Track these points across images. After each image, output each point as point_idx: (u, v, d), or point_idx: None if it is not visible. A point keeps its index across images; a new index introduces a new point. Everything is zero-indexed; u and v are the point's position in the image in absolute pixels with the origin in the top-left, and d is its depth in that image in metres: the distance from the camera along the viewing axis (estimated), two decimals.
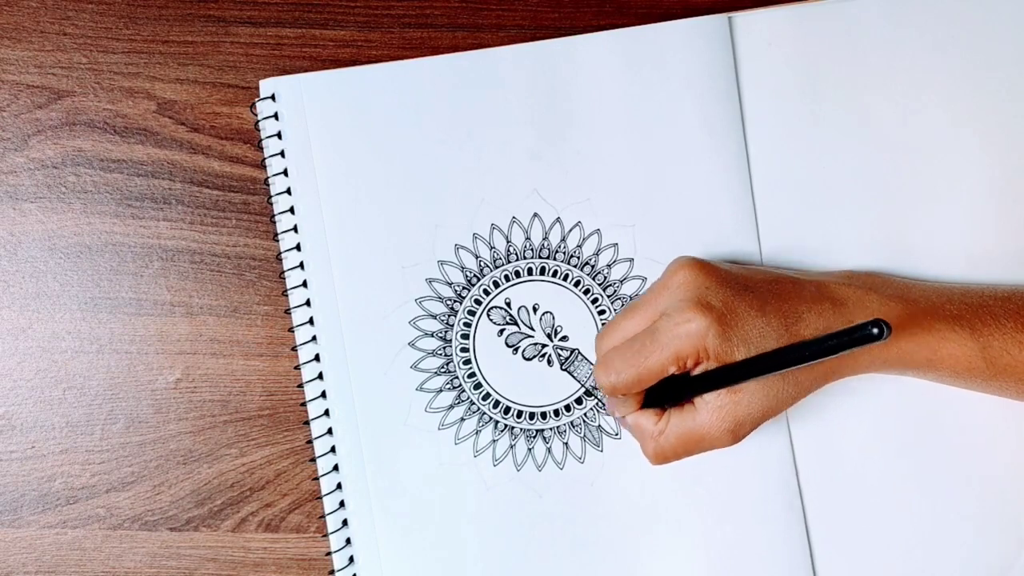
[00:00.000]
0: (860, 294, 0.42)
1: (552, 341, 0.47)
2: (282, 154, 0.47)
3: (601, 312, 0.47)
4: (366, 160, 0.47)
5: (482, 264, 0.47)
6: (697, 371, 0.41)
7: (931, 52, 0.46)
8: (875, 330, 0.33)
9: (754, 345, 0.40)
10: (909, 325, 0.41)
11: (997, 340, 0.41)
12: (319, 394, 0.48)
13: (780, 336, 0.40)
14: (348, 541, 0.48)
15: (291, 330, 0.48)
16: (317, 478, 0.48)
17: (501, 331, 0.47)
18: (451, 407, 0.47)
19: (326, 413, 0.48)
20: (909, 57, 0.46)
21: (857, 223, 0.47)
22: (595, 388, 0.47)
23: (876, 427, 0.47)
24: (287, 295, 0.48)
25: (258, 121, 0.47)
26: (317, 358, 0.48)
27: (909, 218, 0.47)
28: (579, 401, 0.47)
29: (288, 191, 0.47)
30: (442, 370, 0.47)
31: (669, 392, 0.42)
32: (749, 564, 0.47)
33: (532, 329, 0.47)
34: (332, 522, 0.48)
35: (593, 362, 0.47)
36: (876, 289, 0.43)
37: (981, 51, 0.46)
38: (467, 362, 0.47)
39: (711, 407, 0.40)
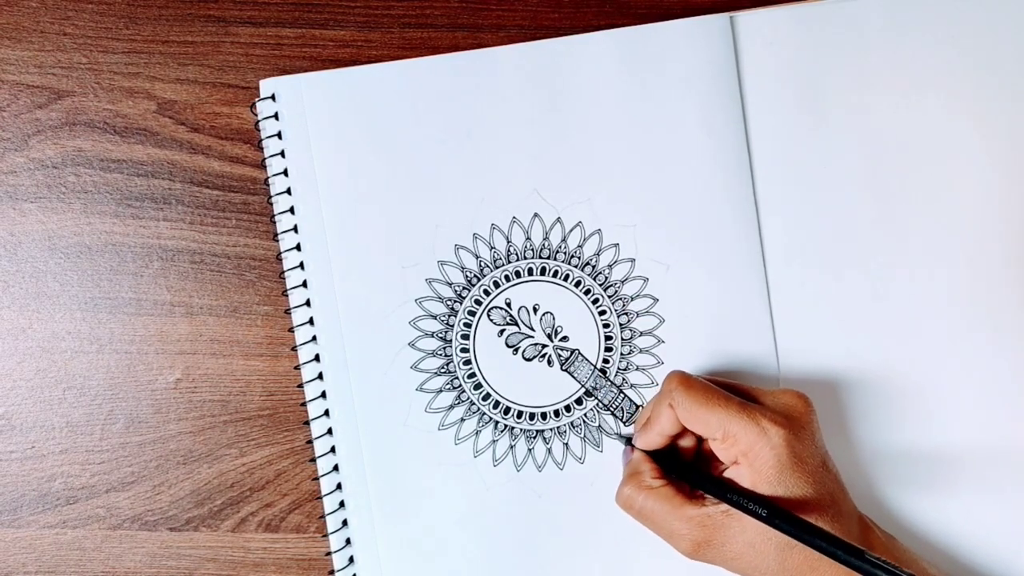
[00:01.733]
0: (877, 545, 0.42)
1: (552, 341, 0.47)
2: (282, 154, 0.47)
3: (602, 312, 0.47)
4: (366, 160, 0.47)
5: (482, 264, 0.47)
6: (728, 474, 0.41)
7: (932, 52, 0.46)
8: None
9: (790, 496, 0.39)
10: None
11: None
12: (319, 394, 0.47)
13: (811, 515, 0.39)
14: (348, 541, 0.48)
15: (291, 330, 0.48)
16: (317, 478, 0.48)
17: (501, 331, 0.47)
18: (451, 407, 0.47)
19: (326, 413, 0.48)
20: (910, 57, 0.46)
21: (858, 223, 0.46)
22: (595, 389, 0.47)
23: (876, 427, 0.47)
24: (287, 295, 0.48)
25: (258, 121, 0.47)
26: (317, 358, 0.47)
27: (910, 218, 0.46)
28: (579, 402, 0.47)
29: (288, 191, 0.47)
30: (442, 370, 0.47)
31: (685, 470, 0.42)
32: None
33: (532, 329, 0.47)
34: (332, 522, 0.48)
35: (593, 363, 0.47)
36: (890, 548, 0.42)
37: (982, 50, 0.46)
38: (467, 362, 0.47)
39: (702, 511, 0.40)
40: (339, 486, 0.48)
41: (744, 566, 0.40)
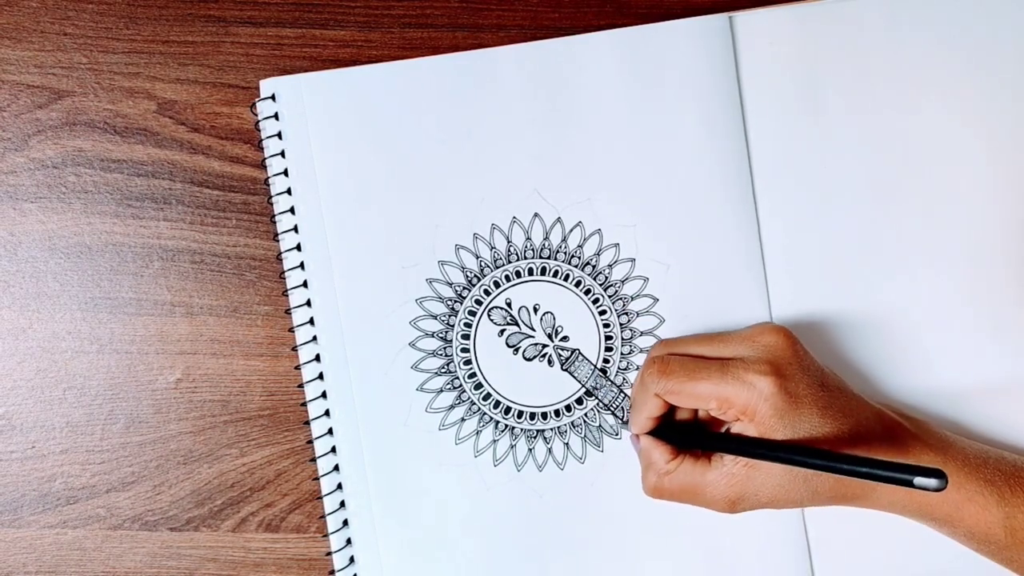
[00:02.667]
0: (908, 436, 0.42)
1: (553, 341, 0.47)
2: (282, 154, 0.47)
3: (602, 312, 0.47)
4: (366, 160, 0.47)
5: (483, 264, 0.47)
6: (733, 430, 0.41)
7: (932, 51, 0.46)
8: (933, 481, 0.33)
9: (800, 436, 0.40)
10: None
11: (1022, 513, 0.40)
12: (319, 394, 0.47)
13: (827, 440, 0.40)
14: (348, 541, 0.48)
15: (291, 330, 0.48)
16: (317, 478, 0.48)
17: (502, 331, 0.47)
18: (451, 407, 0.47)
19: (326, 413, 0.48)
20: (910, 56, 0.46)
21: (858, 222, 0.46)
22: (596, 388, 0.47)
23: None
24: (287, 295, 0.48)
25: (258, 121, 0.47)
26: (317, 358, 0.47)
27: (909, 218, 0.46)
28: (580, 401, 0.47)
29: (288, 191, 0.47)
30: (442, 370, 0.47)
31: (690, 437, 0.43)
32: (749, 564, 0.47)
33: (533, 329, 0.47)
34: (332, 522, 0.48)
35: (593, 362, 0.47)
36: (921, 435, 0.42)
37: (982, 50, 0.46)
38: (468, 362, 0.47)
39: (725, 470, 0.41)
40: (339, 486, 0.48)
41: (781, 503, 0.41)
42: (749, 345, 0.42)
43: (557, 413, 0.47)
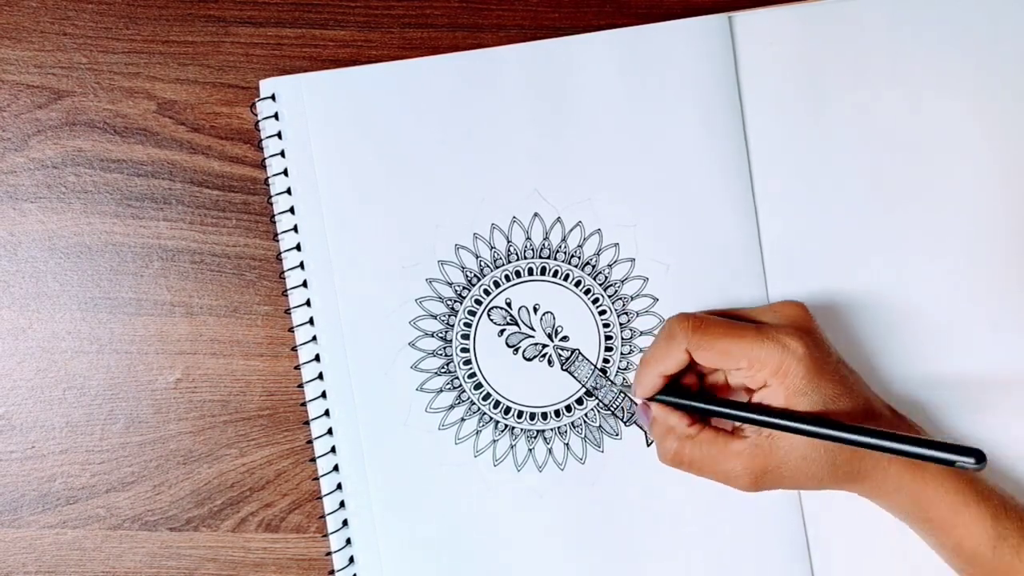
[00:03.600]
0: (912, 427, 0.43)
1: (553, 341, 0.47)
2: (282, 154, 0.47)
3: (602, 312, 0.47)
4: (366, 160, 0.47)
5: (482, 264, 0.47)
6: (755, 399, 0.41)
7: (932, 51, 0.46)
8: (972, 458, 0.33)
9: (822, 404, 0.40)
10: (942, 476, 0.41)
11: (1013, 536, 0.40)
12: (319, 394, 0.47)
13: (845, 413, 0.40)
14: (348, 541, 0.48)
15: (291, 330, 0.48)
16: (317, 478, 0.48)
17: (502, 331, 0.47)
18: (451, 407, 0.47)
19: (326, 413, 0.48)
20: (910, 56, 0.46)
21: (859, 222, 0.46)
22: (596, 388, 0.47)
23: None
24: (287, 295, 0.48)
25: (258, 121, 0.47)
26: (317, 358, 0.47)
27: (910, 217, 0.46)
28: (580, 402, 0.47)
29: (288, 191, 0.47)
30: (442, 370, 0.47)
31: (710, 409, 0.42)
32: (749, 564, 0.47)
33: (533, 329, 0.47)
34: (332, 522, 0.48)
35: (593, 362, 0.47)
36: (918, 430, 0.43)
37: (982, 49, 0.46)
38: (467, 362, 0.47)
39: (749, 441, 0.40)
40: (339, 486, 0.48)
41: (801, 480, 0.41)
42: (773, 315, 0.43)
43: (557, 413, 0.47)
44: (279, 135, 0.47)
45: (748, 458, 0.40)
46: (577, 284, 0.47)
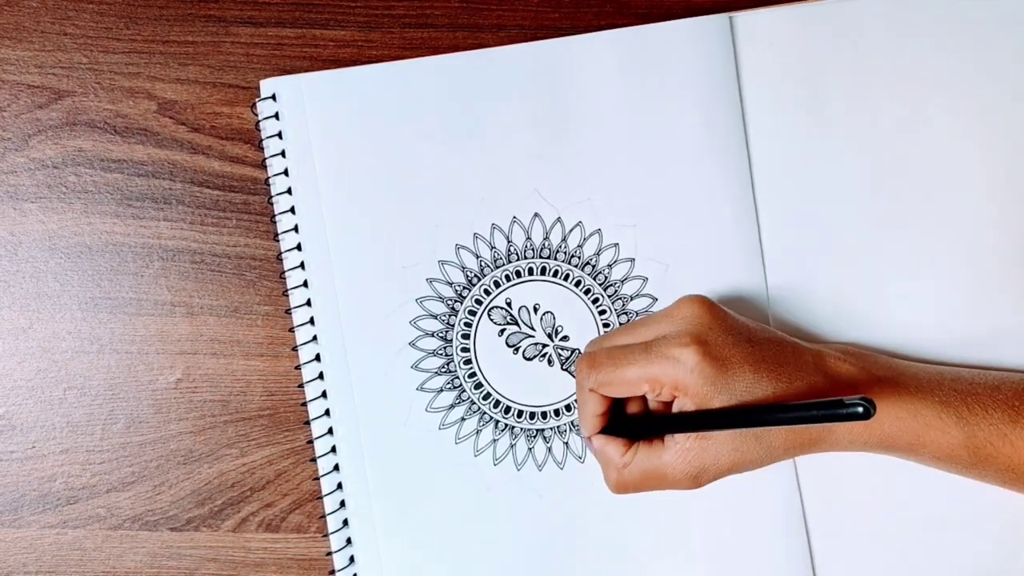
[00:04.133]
0: (853, 372, 0.42)
1: (553, 341, 0.47)
2: (283, 154, 0.47)
3: (602, 312, 0.47)
4: (366, 160, 0.47)
5: (483, 264, 0.47)
6: (674, 408, 0.41)
7: (933, 51, 0.46)
8: (859, 408, 0.32)
9: (736, 397, 0.39)
10: (895, 408, 0.41)
11: (982, 431, 0.40)
12: (320, 394, 0.48)
13: (766, 396, 0.40)
14: (348, 541, 0.48)
15: (291, 330, 0.48)
16: (317, 478, 0.48)
17: (502, 331, 0.47)
18: (451, 407, 0.47)
19: (327, 413, 0.48)
20: (910, 56, 0.46)
21: (859, 222, 0.47)
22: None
23: None
24: (287, 295, 0.48)
25: (259, 121, 0.47)
26: (318, 358, 0.48)
27: (910, 218, 0.46)
28: None
29: (289, 191, 0.47)
30: (443, 370, 0.47)
31: (641, 427, 0.42)
32: (749, 564, 0.47)
33: (533, 329, 0.47)
34: (332, 522, 0.48)
35: None
36: (868, 367, 0.42)
37: (982, 50, 0.46)
38: (468, 362, 0.47)
39: (678, 448, 0.40)
40: (340, 486, 0.48)
41: (747, 464, 0.41)
42: (669, 322, 0.41)
43: (557, 412, 0.47)
44: (279, 135, 0.47)
45: (682, 463, 0.40)
46: (577, 284, 0.47)
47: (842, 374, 0.42)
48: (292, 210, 0.47)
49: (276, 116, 0.47)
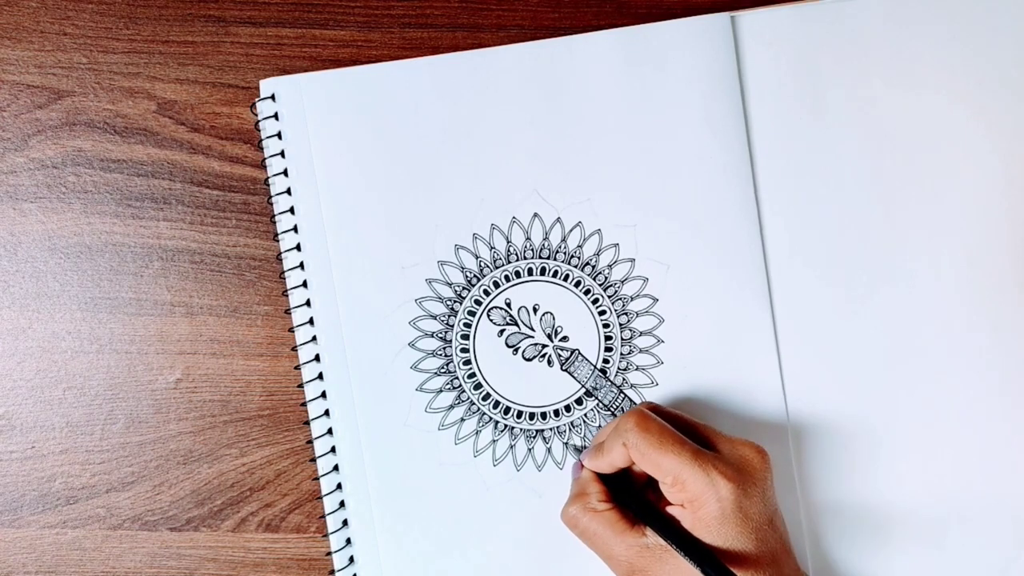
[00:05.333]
0: (777, 552, 0.41)
1: (552, 341, 0.47)
2: (282, 154, 0.47)
3: (602, 312, 0.47)
4: (366, 160, 0.47)
5: (482, 264, 0.47)
6: (670, 511, 0.41)
7: (933, 50, 0.46)
8: None
9: (723, 544, 0.39)
10: None
11: None
12: (319, 394, 0.47)
13: (744, 558, 0.39)
14: (348, 541, 0.48)
15: (291, 330, 0.48)
16: (317, 478, 0.48)
17: (501, 331, 0.47)
18: (451, 407, 0.47)
19: (326, 413, 0.48)
20: (911, 55, 0.46)
21: (860, 221, 0.46)
22: (596, 389, 0.47)
23: (876, 432, 0.47)
24: (287, 295, 0.48)
25: (258, 121, 0.47)
26: (317, 358, 0.47)
27: (912, 216, 0.46)
28: (579, 401, 0.47)
29: (288, 191, 0.47)
30: (442, 370, 0.47)
31: (630, 498, 0.43)
32: None
33: (532, 329, 0.47)
34: (332, 522, 0.48)
35: (593, 363, 0.47)
36: (777, 561, 0.41)
37: (982, 48, 0.46)
38: (467, 362, 0.47)
39: (643, 542, 0.41)
40: (339, 486, 0.48)
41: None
42: (729, 448, 0.41)
43: (556, 413, 0.47)
44: (279, 135, 0.47)
45: (634, 554, 0.41)
46: (577, 284, 0.47)
47: (766, 553, 0.41)
48: (292, 210, 0.47)
49: (276, 116, 0.47)
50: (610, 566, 0.42)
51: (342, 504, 0.48)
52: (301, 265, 0.47)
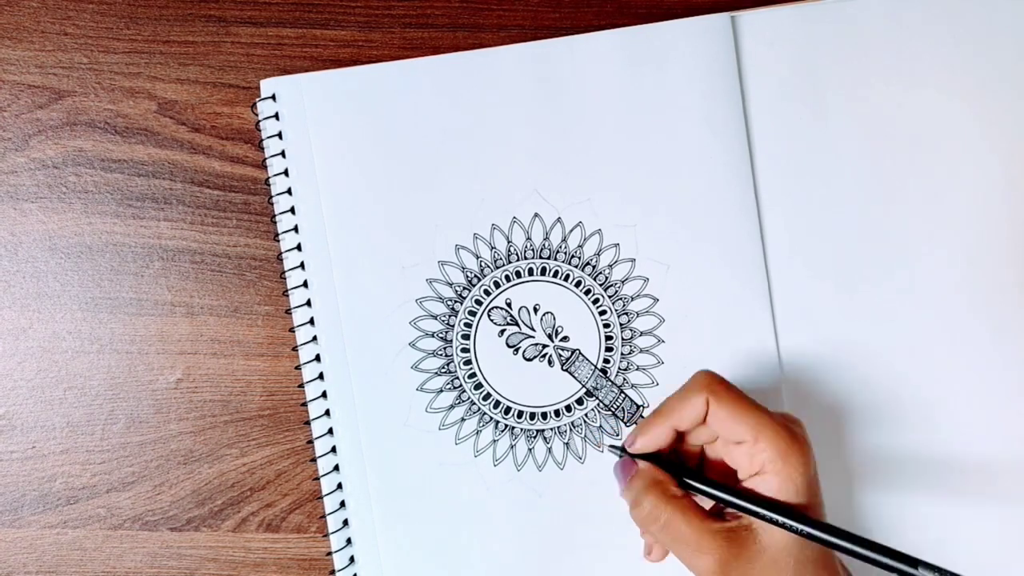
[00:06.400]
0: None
1: (553, 341, 0.47)
2: (283, 154, 0.47)
3: (602, 312, 0.47)
4: (367, 160, 0.47)
5: (483, 264, 0.47)
6: (748, 484, 0.39)
7: (933, 50, 0.46)
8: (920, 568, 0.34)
9: (809, 502, 0.38)
10: None
11: None
12: (320, 394, 0.48)
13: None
14: (349, 541, 0.48)
15: (292, 330, 0.48)
16: (318, 478, 0.48)
17: (502, 331, 0.47)
18: (451, 407, 0.47)
19: (327, 413, 0.48)
20: (911, 55, 0.46)
21: (860, 221, 0.46)
22: (596, 389, 0.47)
23: (876, 431, 0.47)
24: (288, 295, 0.48)
25: (259, 121, 0.47)
26: (318, 358, 0.47)
27: (912, 216, 0.46)
28: (580, 402, 0.47)
29: (289, 191, 0.47)
30: (443, 370, 0.47)
31: (718, 484, 0.39)
32: None
33: (533, 329, 0.47)
34: (333, 522, 0.48)
35: (593, 363, 0.47)
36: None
37: (982, 48, 0.46)
38: (468, 362, 0.47)
39: (728, 526, 0.38)
40: (340, 486, 0.48)
41: None
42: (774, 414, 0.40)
43: (557, 413, 0.47)
44: (280, 135, 0.47)
45: (723, 542, 0.37)
46: (577, 284, 0.47)
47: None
48: (292, 210, 0.47)
49: (276, 116, 0.47)
50: (695, 561, 0.38)
51: (342, 504, 0.48)
52: (302, 265, 0.47)
